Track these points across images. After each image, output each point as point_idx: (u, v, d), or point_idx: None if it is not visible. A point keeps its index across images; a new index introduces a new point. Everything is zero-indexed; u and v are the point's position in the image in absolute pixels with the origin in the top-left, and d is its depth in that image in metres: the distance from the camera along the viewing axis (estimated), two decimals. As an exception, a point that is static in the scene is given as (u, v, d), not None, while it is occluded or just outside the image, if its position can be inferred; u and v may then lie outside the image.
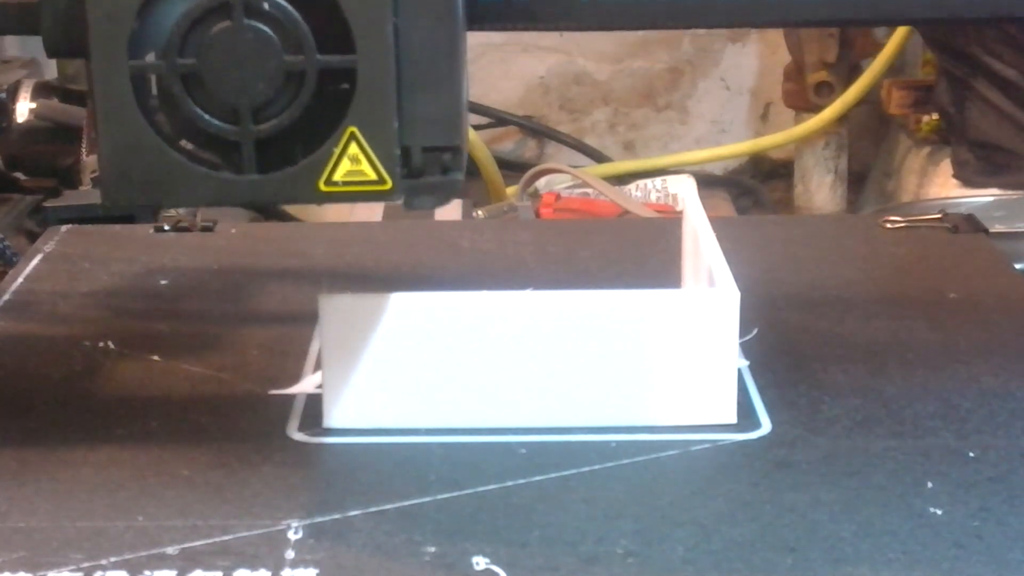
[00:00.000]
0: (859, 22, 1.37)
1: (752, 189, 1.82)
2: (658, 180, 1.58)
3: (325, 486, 0.53)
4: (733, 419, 0.57)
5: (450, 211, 0.91)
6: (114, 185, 0.50)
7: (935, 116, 1.55)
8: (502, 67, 1.86)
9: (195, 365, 0.65)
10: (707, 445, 0.56)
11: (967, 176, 1.44)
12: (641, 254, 0.82)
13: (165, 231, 0.85)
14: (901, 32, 1.59)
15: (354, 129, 0.50)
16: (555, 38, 1.85)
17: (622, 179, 1.64)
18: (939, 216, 0.85)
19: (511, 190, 1.49)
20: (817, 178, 1.71)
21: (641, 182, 1.59)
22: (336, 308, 0.57)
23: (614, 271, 0.79)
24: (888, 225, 0.84)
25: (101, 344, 0.67)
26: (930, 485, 0.52)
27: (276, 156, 0.50)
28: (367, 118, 0.50)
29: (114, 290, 0.76)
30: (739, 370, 0.60)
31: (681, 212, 1.44)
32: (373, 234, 0.88)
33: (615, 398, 0.57)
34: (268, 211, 1.53)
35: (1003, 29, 1.37)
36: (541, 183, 1.52)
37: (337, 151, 0.50)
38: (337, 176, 0.50)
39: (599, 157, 1.80)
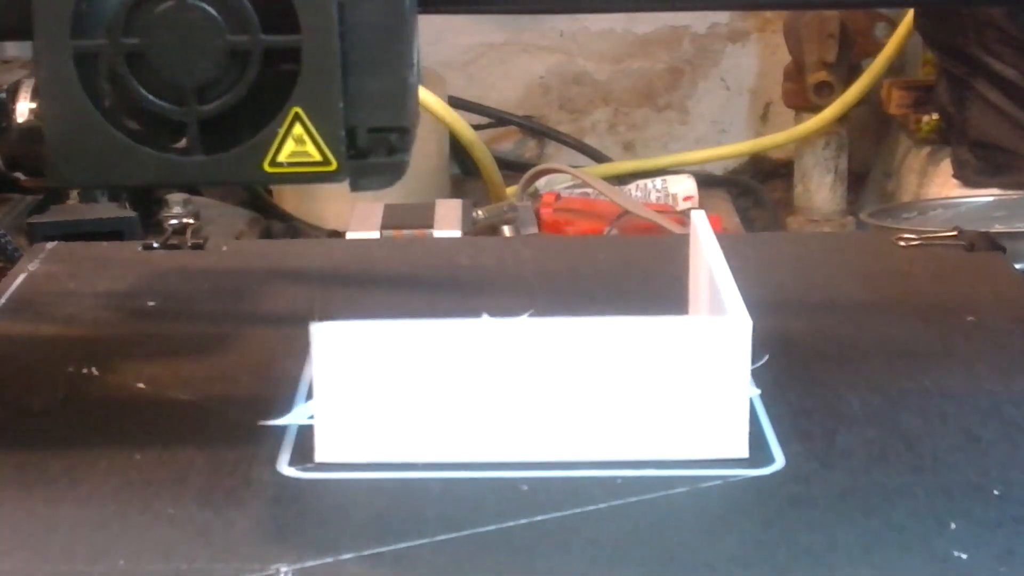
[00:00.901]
0: (857, 4, 1.36)
1: (752, 189, 1.82)
2: (658, 180, 1.58)
3: (317, 526, 0.51)
4: (745, 453, 0.55)
5: (449, 209, 0.89)
6: (60, 165, 0.50)
7: (935, 116, 1.54)
8: (502, 67, 1.85)
9: (182, 393, 0.62)
10: (718, 481, 0.53)
11: (967, 176, 1.44)
12: (645, 273, 0.79)
13: (154, 249, 0.82)
14: (901, 32, 1.59)
15: (299, 110, 0.50)
16: (555, 38, 1.84)
17: (622, 179, 1.64)
18: (954, 233, 0.83)
19: (511, 190, 1.48)
20: (817, 178, 1.70)
21: (641, 182, 1.58)
22: (328, 337, 0.54)
23: (617, 291, 0.76)
24: (902, 243, 0.82)
25: (85, 370, 0.65)
26: (953, 526, 0.50)
27: (222, 136, 0.50)
28: (312, 99, 0.50)
29: (100, 312, 0.74)
30: (750, 400, 0.57)
31: (681, 212, 1.44)
32: (369, 252, 0.85)
33: (620, 431, 0.55)
34: (268, 212, 1.53)
35: (1003, 29, 1.36)
36: (541, 183, 1.51)
37: (282, 132, 0.50)
38: (282, 157, 0.50)
39: (599, 157, 1.79)
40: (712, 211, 1.53)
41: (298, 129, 0.50)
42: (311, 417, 0.56)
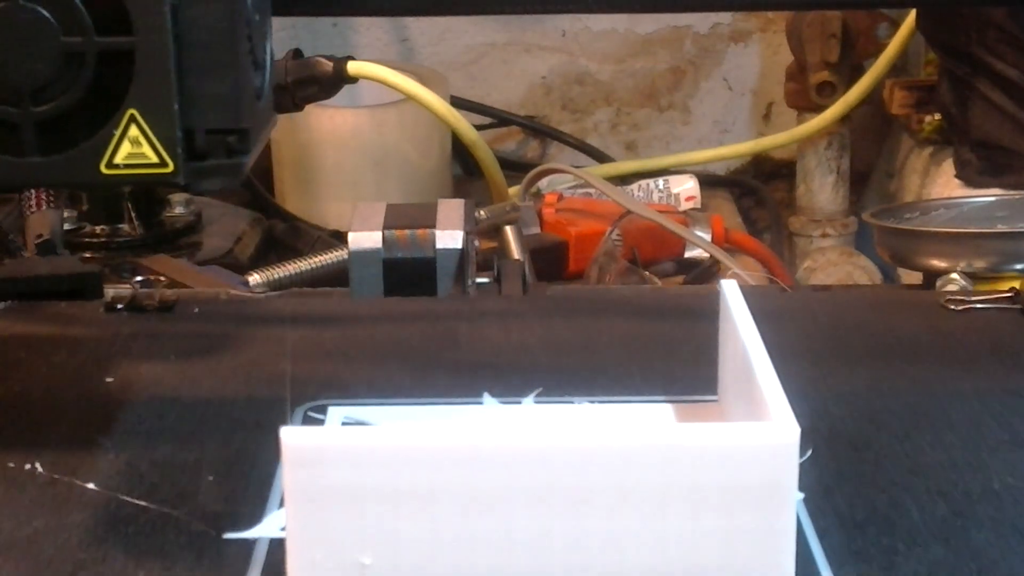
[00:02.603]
0: (859, 4, 1.36)
1: (754, 189, 1.82)
2: (660, 180, 1.58)
3: None
4: None
5: (452, 209, 0.89)
6: None
7: (937, 116, 1.54)
8: (504, 67, 1.86)
9: (138, 496, 0.54)
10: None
11: (969, 176, 1.44)
12: (667, 340, 0.71)
13: (117, 310, 0.75)
14: (903, 32, 1.59)
15: (134, 111, 0.50)
16: (557, 38, 1.85)
17: (624, 179, 1.64)
18: (1009, 295, 0.76)
19: (513, 190, 1.49)
20: (819, 178, 1.71)
21: (643, 182, 1.59)
22: (300, 447, 0.45)
23: (636, 366, 0.67)
24: (951, 306, 0.74)
25: (28, 466, 0.57)
26: None
27: (60, 139, 0.50)
28: (147, 100, 0.50)
29: (51, 390, 0.65)
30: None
31: (683, 213, 1.45)
32: (357, 312, 0.77)
33: (642, 554, 0.46)
34: (270, 212, 1.54)
35: (1005, 29, 1.36)
36: (543, 183, 1.52)
37: (117, 134, 0.50)
38: (118, 159, 0.50)
39: (601, 157, 1.80)
40: (714, 211, 1.54)
41: (134, 131, 0.50)
42: (283, 529, 0.47)
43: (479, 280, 0.84)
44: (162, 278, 0.96)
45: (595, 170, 1.66)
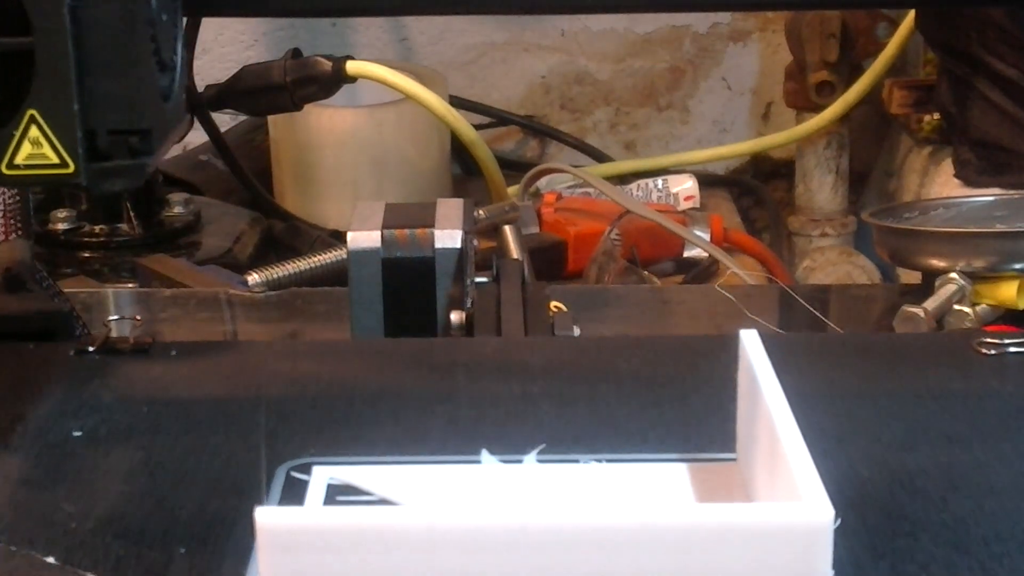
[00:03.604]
0: (859, 4, 1.36)
1: (753, 189, 1.82)
2: (659, 180, 1.58)
3: None
4: None
5: (451, 208, 0.89)
6: None
7: (936, 116, 1.54)
8: (503, 67, 1.86)
9: (103, 572, 0.50)
10: None
11: (968, 176, 1.44)
12: (679, 390, 0.65)
13: (89, 352, 0.69)
14: (903, 32, 1.59)
15: (34, 112, 0.50)
16: (557, 37, 1.85)
17: (623, 179, 1.64)
18: None
19: (512, 190, 1.49)
20: (819, 178, 1.71)
21: (642, 182, 1.59)
22: (276, 531, 0.42)
23: (648, 421, 0.61)
24: (983, 350, 0.69)
25: None
26: None
27: None
28: (47, 101, 0.49)
29: (11, 447, 0.60)
30: None
31: (683, 212, 1.45)
32: (347, 357, 0.72)
33: None
34: (269, 211, 1.54)
35: (1004, 28, 1.36)
36: (542, 183, 1.52)
37: (17, 134, 0.50)
38: (19, 159, 0.50)
39: (600, 157, 1.80)
40: (713, 211, 1.54)
41: (34, 131, 0.50)
42: None
43: (478, 280, 0.84)
44: (138, 317, 0.94)
45: (594, 170, 1.66)
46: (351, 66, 1.36)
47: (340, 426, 0.62)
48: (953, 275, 1.01)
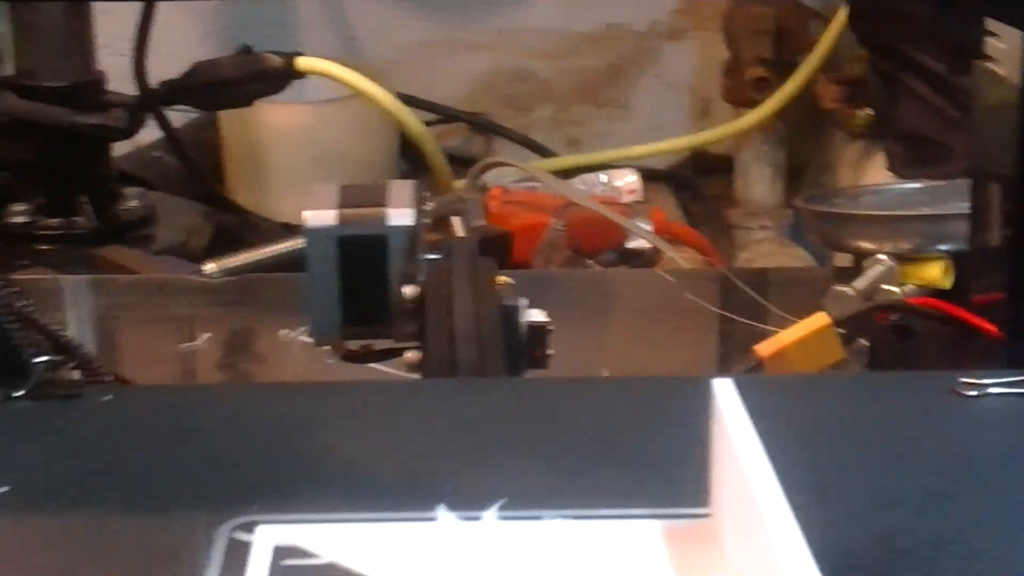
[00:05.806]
0: None
1: (692, 183, 1.84)
2: (602, 175, 1.61)
3: None
4: None
5: (402, 189, 0.91)
6: None
7: (868, 111, 1.57)
8: (443, 65, 1.87)
9: None
10: None
11: (899, 168, 1.47)
12: (646, 438, 0.61)
13: (17, 399, 0.64)
14: (834, 28, 1.62)
15: None
16: (494, 35, 1.87)
17: (568, 174, 1.66)
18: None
19: (459, 184, 1.51)
20: (756, 172, 1.73)
21: (586, 176, 1.61)
22: None
23: (615, 473, 0.57)
24: (964, 391, 0.64)
25: None
26: None
27: None
28: None
29: None
30: None
31: (626, 205, 1.48)
32: (293, 404, 0.66)
33: None
34: (221, 206, 1.55)
35: (932, 24, 1.39)
36: (488, 177, 1.54)
37: None
38: None
39: (545, 153, 1.82)
40: (654, 204, 1.57)
41: None
42: None
43: (430, 256, 0.87)
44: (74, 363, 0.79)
45: (539, 164, 1.69)
46: (301, 62, 1.38)
47: (288, 480, 0.57)
48: (881, 256, 1.06)
